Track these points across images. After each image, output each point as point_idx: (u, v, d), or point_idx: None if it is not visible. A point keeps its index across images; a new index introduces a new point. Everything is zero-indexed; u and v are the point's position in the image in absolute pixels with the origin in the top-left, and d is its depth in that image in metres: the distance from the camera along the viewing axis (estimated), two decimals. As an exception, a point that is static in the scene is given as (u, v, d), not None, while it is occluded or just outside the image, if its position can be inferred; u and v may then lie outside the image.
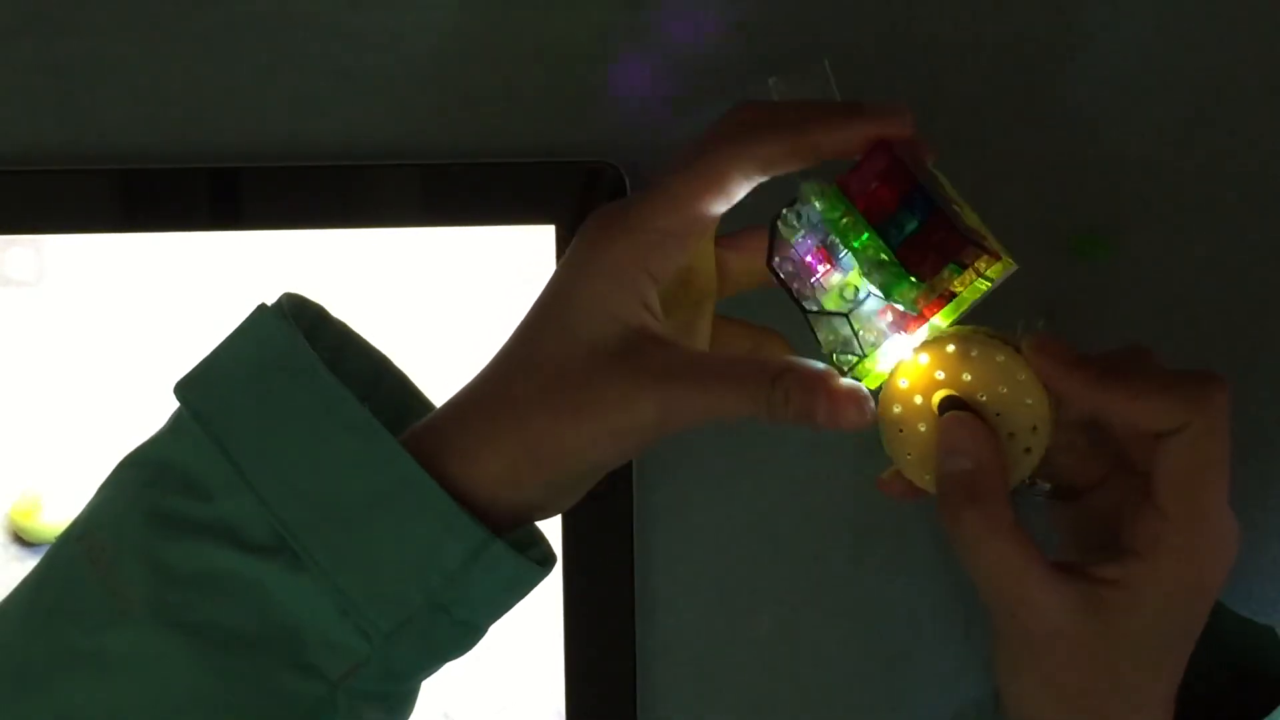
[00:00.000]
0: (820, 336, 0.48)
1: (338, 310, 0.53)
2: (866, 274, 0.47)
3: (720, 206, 0.47)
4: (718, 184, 0.46)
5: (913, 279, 0.46)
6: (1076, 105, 0.64)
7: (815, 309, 0.48)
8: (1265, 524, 0.66)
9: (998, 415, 0.48)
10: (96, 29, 0.64)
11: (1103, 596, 0.47)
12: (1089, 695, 0.48)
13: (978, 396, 0.48)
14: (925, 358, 0.48)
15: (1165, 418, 0.47)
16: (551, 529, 0.64)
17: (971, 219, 0.48)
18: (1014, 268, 0.47)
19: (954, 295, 0.47)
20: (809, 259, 0.48)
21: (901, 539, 0.67)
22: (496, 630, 0.48)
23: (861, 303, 0.47)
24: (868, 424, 0.45)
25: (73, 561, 0.44)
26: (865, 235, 0.47)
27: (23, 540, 0.64)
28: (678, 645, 0.66)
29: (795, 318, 0.53)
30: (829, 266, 0.48)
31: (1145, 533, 0.47)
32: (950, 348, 0.48)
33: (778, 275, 0.48)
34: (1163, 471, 0.47)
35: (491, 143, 0.64)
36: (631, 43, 0.64)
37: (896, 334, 0.48)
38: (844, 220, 0.47)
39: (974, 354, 0.48)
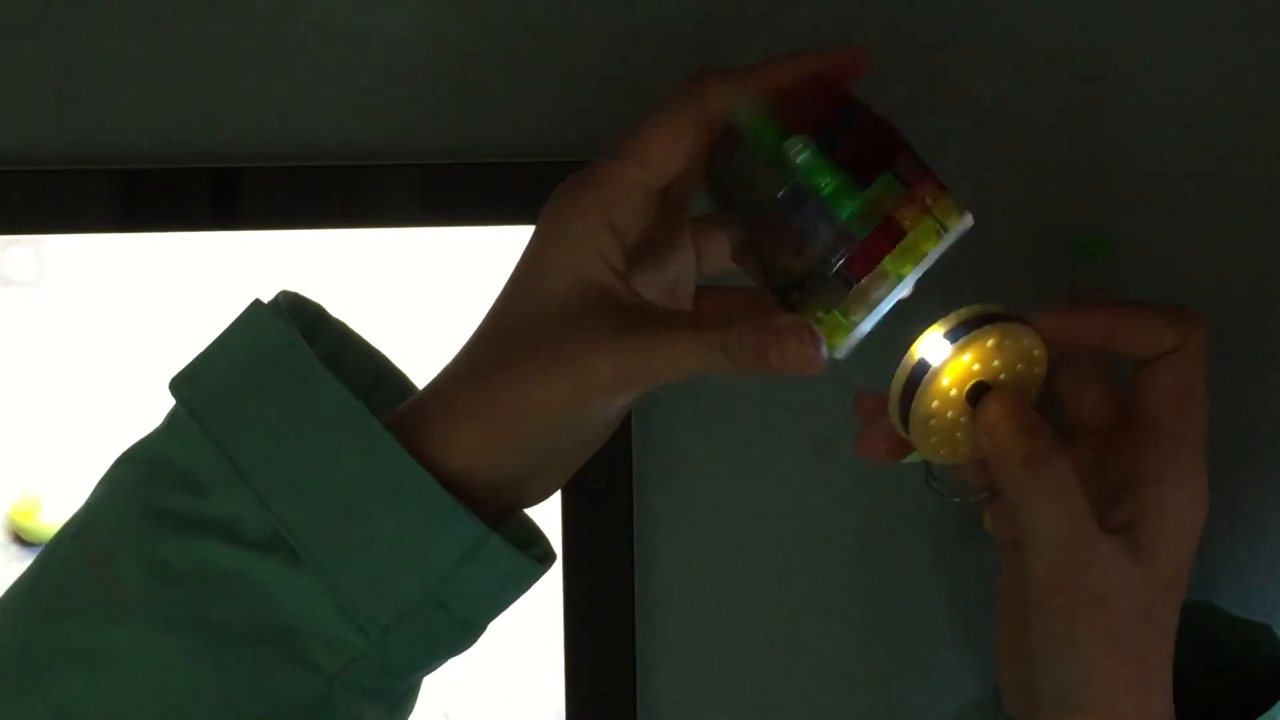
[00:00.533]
0: (772, 268, 0.47)
1: (338, 310, 0.53)
2: (810, 178, 0.46)
3: (678, 152, 0.47)
4: (673, 130, 0.46)
5: (857, 186, 0.45)
6: (1077, 106, 0.64)
7: (767, 203, 0.46)
8: (1265, 524, 0.65)
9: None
10: (96, 29, 0.64)
11: (1133, 540, 0.48)
12: (1144, 645, 0.48)
13: (1000, 377, 0.50)
14: (969, 356, 0.49)
15: (1168, 336, 0.50)
16: (552, 529, 0.64)
17: None
18: (969, 222, 0.47)
19: (903, 232, 0.46)
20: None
21: (902, 541, 0.66)
22: (496, 630, 0.48)
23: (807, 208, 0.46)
24: (820, 363, 0.44)
25: (69, 559, 0.44)
26: (802, 148, 0.46)
27: (23, 540, 0.64)
28: (678, 646, 0.66)
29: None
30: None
31: (1154, 457, 0.49)
32: (990, 342, 0.49)
33: (720, 184, 0.48)
34: (1162, 390, 0.50)
35: (491, 143, 0.64)
36: (630, 41, 0.64)
37: (852, 284, 0.46)
38: (778, 136, 0.46)
39: (1006, 343, 0.49)
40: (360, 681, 0.44)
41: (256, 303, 0.47)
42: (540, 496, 0.48)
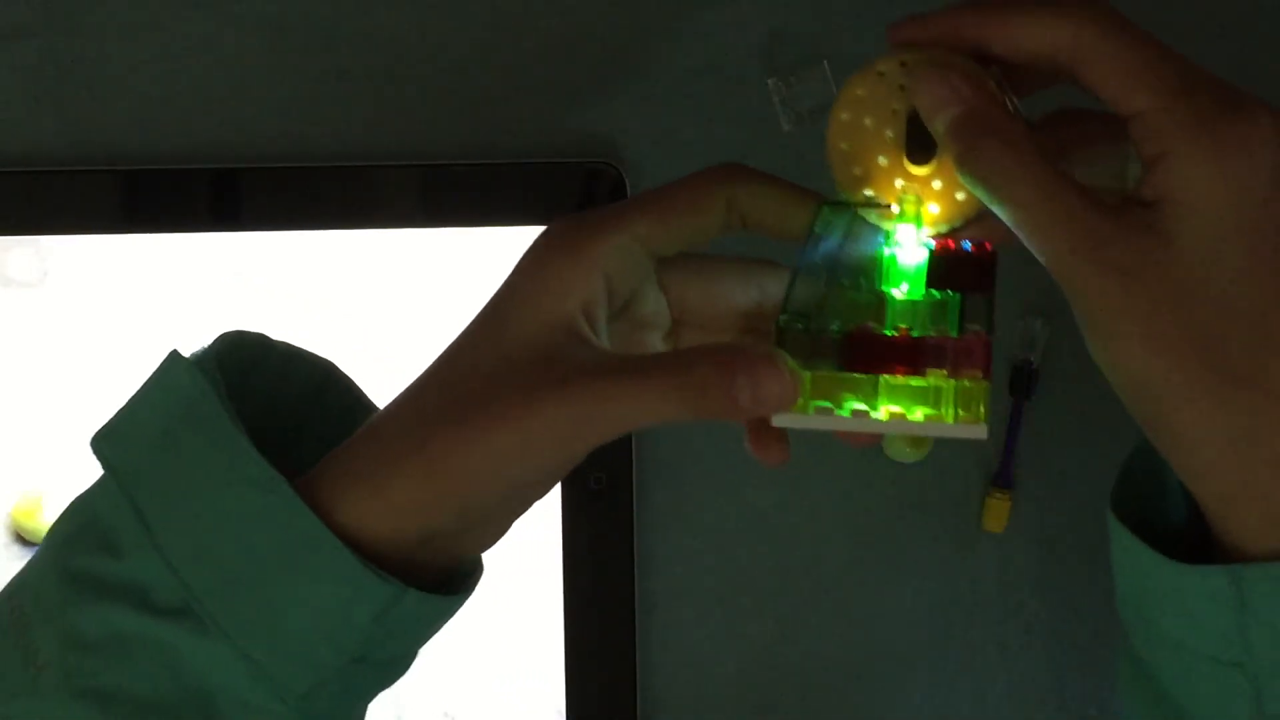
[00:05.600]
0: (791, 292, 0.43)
1: (338, 310, 0.53)
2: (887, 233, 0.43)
3: (693, 223, 0.44)
4: (694, 201, 0.43)
5: (926, 279, 0.42)
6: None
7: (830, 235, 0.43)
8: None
9: None
10: (97, 30, 0.64)
11: (1149, 220, 0.40)
12: (1199, 341, 0.39)
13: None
14: (862, 90, 0.43)
15: (1054, 29, 0.40)
16: (552, 528, 0.64)
17: None
18: (978, 434, 0.40)
19: (918, 372, 0.41)
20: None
21: (901, 539, 0.67)
22: (497, 630, 0.48)
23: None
24: (793, 397, 0.40)
25: None
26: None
27: (24, 540, 0.64)
28: (678, 645, 0.66)
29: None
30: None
31: (1146, 139, 0.40)
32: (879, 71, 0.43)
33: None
34: (1096, 80, 0.41)
35: (491, 143, 0.64)
36: (629, 43, 0.65)
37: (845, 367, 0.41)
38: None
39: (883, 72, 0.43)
40: None
41: (174, 355, 0.44)
42: (475, 550, 0.44)
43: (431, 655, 0.65)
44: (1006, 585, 0.67)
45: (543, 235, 0.44)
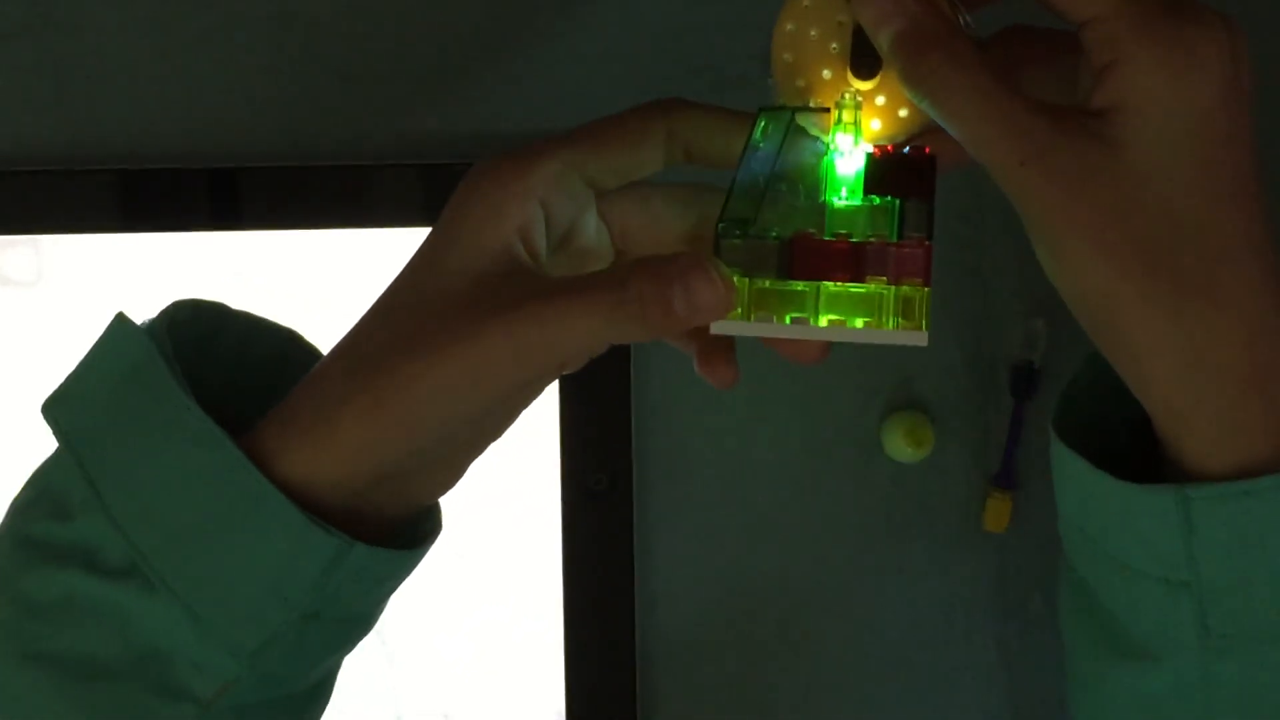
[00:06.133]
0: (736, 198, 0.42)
1: (338, 310, 0.53)
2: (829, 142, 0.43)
3: (631, 154, 0.43)
4: (633, 130, 0.43)
5: (865, 186, 0.42)
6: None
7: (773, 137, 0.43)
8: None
9: None
10: (96, 29, 0.64)
11: (1105, 122, 0.39)
12: (1150, 250, 0.39)
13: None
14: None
15: None
16: (552, 528, 0.64)
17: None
18: (918, 341, 0.40)
19: (858, 279, 0.40)
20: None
21: (902, 539, 0.67)
22: (497, 630, 0.48)
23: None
24: (728, 303, 0.39)
25: None
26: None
27: (22, 540, 0.64)
28: (678, 645, 0.67)
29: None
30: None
31: (1099, 47, 0.40)
32: None
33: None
34: None
35: (492, 142, 0.64)
36: (629, 42, 0.65)
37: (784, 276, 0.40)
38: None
39: None
40: (242, 700, 0.42)
41: (119, 317, 0.44)
42: (430, 494, 0.44)
43: (431, 655, 0.65)
44: (1007, 585, 0.67)
45: (473, 168, 0.43)
